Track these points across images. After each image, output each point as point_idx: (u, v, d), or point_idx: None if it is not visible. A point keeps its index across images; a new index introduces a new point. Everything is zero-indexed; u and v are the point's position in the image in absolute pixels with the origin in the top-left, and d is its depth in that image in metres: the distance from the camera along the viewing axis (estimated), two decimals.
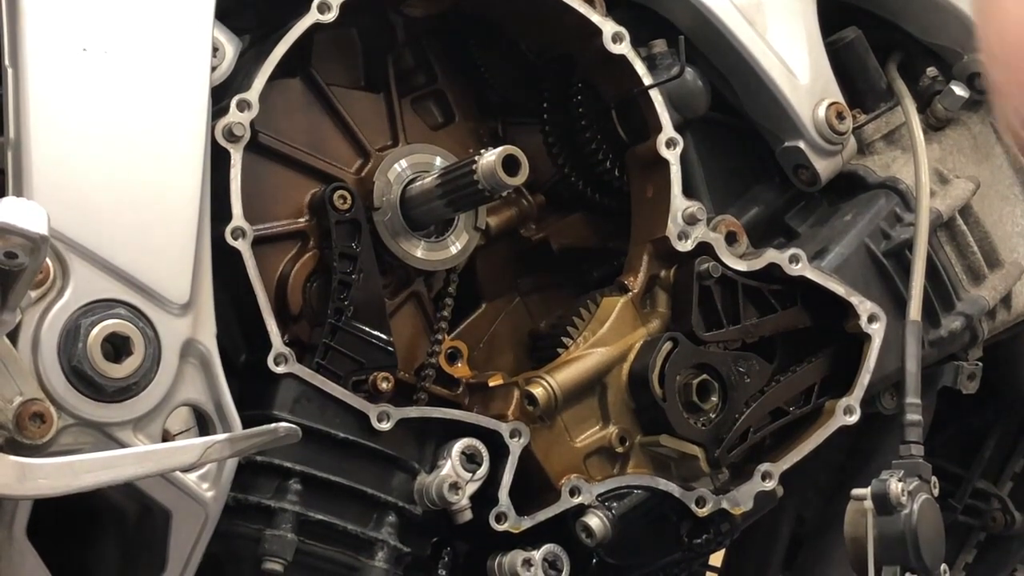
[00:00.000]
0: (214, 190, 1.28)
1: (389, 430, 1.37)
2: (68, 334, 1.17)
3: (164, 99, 1.25)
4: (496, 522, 1.42)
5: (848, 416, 1.53)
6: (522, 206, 1.57)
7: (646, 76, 1.48)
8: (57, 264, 1.18)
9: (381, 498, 1.37)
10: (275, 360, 1.33)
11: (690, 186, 1.52)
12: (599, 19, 1.46)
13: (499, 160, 1.33)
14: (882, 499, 1.39)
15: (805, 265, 1.51)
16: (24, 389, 1.14)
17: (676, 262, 1.50)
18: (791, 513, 1.80)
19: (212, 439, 1.18)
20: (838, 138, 1.56)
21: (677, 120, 1.50)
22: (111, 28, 1.23)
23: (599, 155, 1.56)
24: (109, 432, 1.18)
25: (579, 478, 1.45)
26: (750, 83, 1.55)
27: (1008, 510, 1.97)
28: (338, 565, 1.35)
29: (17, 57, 1.20)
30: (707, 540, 1.52)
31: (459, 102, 1.57)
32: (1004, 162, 1.70)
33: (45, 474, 1.11)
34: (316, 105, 1.46)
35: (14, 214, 1.02)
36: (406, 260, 1.45)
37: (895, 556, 1.39)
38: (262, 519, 1.32)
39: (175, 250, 1.23)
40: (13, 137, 1.19)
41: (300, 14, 1.37)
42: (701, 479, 1.50)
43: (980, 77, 1.66)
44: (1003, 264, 1.65)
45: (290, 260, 1.41)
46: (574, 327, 1.49)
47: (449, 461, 1.40)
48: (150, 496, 1.22)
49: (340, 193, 1.39)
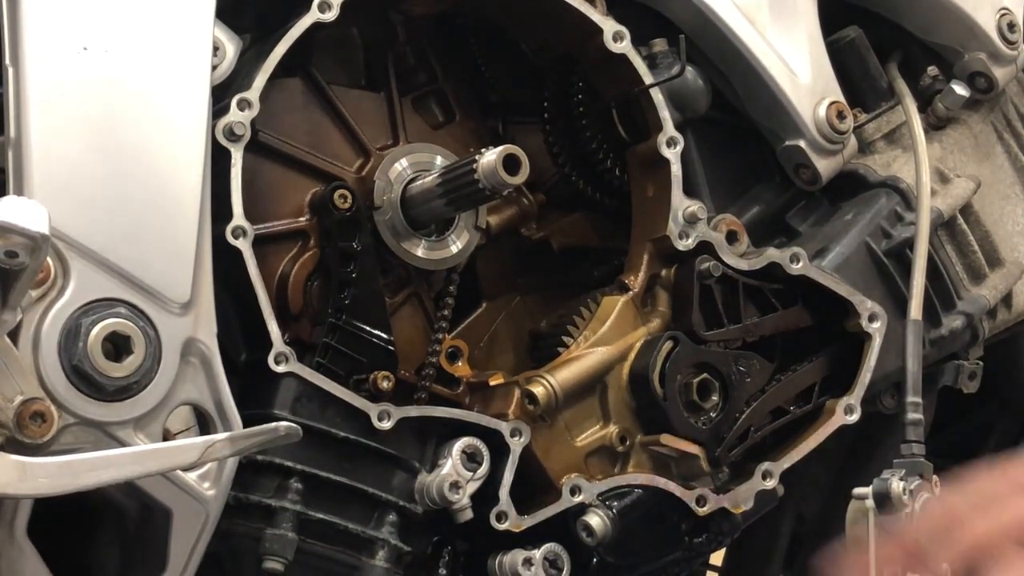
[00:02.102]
0: (214, 189, 1.28)
1: (390, 429, 1.37)
2: (69, 333, 1.17)
3: (165, 98, 1.25)
4: (497, 521, 1.42)
5: (849, 415, 1.53)
6: (523, 205, 1.57)
7: (647, 75, 1.48)
8: (58, 263, 1.18)
9: (382, 497, 1.37)
10: (275, 359, 1.33)
11: (691, 185, 1.52)
12: (599, 18, 1.46)
13: (500, 159, 1.33)
14: (883, 498, 1.39)
15: (806, 264, 1.51)
16: (25, 388, 1.14)
17: (677, 261, 1.50)
18: (792, 512, 1.80)
19: (213, 438, 1.18)
20: (839, 137, 1.56)
21: (678, 119, 1.50)
22: (111, 27, 1.23)
23: (600, 154, 1.56)
24: (110, 431, 1.18)
25: (580, 477, 1.45)
26: (751, 82, 1.54)
27: None
28: (339, 564, 1.35)
29: (17, 56, 1.20)
30: (708, 539, 1.52)
31: (460, 101, 1.56)
32: (1005, 161, 1.70)
33: (46, 473, 1.11)
34: (316, 104, 1.46)
35: (14, 213, 1.03)
36: (406, 259, 1.45)
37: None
38: (263, 518, 1.32)
39: (176, 249, 1.23)
40: (13, 136, 1.19)
41: (301, 13, 1.37)
42: (702, 478, 1.50)
43: (981, 76, 1.67)
44: (1004, 263, 1.65)
45: (291, 259, 1.41)
46: (574, 326, 1.49)
47: (450, 460, 1.40)
48: (151, 495, 1.22)
49: (340, 192, 1.39)
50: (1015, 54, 1.68)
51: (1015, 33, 1.67)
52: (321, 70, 1.47)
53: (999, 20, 1.66)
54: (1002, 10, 1.67)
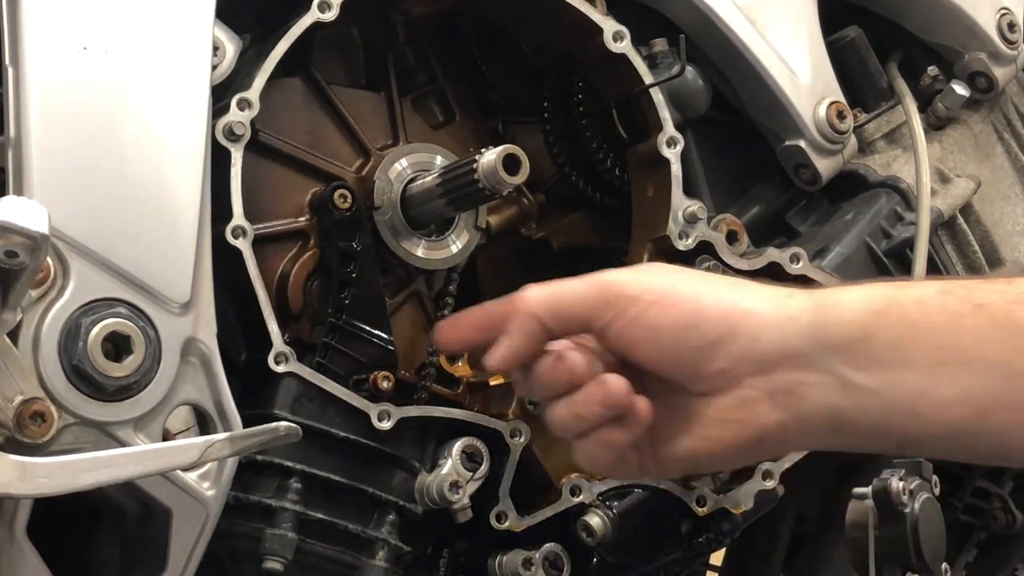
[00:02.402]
0: (214, 189, 1.28)
1: (390, 429, 1.37)
2: (68, 333, 1.17)
3: (165, 98, 1.25)
4: (497, 521, 1.42)
5: None
6: (523, 205, 1.57)
7: (647, 75, 1.48)
8: (57, 263, 1.18)
9: (382, 497, 1.37)
10: (275, 359, 1.33)
11: (691, 185, 1.52)
12: (600, 18, 1.46)
13: (500, 159, 1.33)
14: (883, 498, 1.39)
15: (806, 264, 1.51)
16: (25, 388, 1.14)
17: (677, 261, 1.50)
18: (792, 512, 1.80)
19: (212, 438, 1.18)
20: (839, 137, 1.56)
21: (678, 119, 1.50)
22: (111, 27, 1.23)
23: (599, 154, 1.56)
24: (110, 431, 1.18)
25: (580, 477, 1.45)
26: (751, 82, 1.54)
27: (1009, 509, 1.97)
28: (339, 564, 1.35)
29: (17, 56, 1.20)
30: (708, 539, 1.52)
31: (460, 101, 1.56)
32: (1005, 161, 1.71)
33: (46, 473, 1.10)
34: (316, 104, 1.46)
35: (14, 213, 1.02)
36: (406, 259, 1.45)
37: (896, 555, 1.39)
38: (262, 518, 1.32)
39: (176, 249, 1.23)
40: (13, 136, 1.19)
41: (301, 13, 1.37)
42: (702, 478, 1.50)
43: (981, 76, 1.67)
44: (1004, 263, 1.65)
45: (290, 259, 1.41)
46: None
47: (450, 460, 1.40)
48: (150, 495, 1.22)
49: (340, 192, 1.39)
50: (1015, 54, 1.68)
51: (1015, 33, 1.67)
52: (321, 70, 1.47)
53: (999, 20, 1.66)
54: (1002, 10, 1.67)
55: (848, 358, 1.03)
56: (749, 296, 1.07)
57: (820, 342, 1.04)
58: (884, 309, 1.03)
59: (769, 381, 1.05)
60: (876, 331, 1.02)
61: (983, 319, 1.00)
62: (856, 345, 1.03)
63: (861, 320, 1.03)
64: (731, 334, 1.05)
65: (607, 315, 1.08)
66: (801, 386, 1.04)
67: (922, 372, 1.01)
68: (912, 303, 1.03)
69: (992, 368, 0.99)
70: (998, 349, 0.99)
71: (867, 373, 1.02)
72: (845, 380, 1.03)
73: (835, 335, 1.03)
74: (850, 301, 1.05)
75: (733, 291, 1.08)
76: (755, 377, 1.05)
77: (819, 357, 1.03)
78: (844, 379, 1.03)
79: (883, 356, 1.02)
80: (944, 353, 1.01)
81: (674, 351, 1.07)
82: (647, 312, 1.07)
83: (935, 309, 1.02)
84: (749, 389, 1.05)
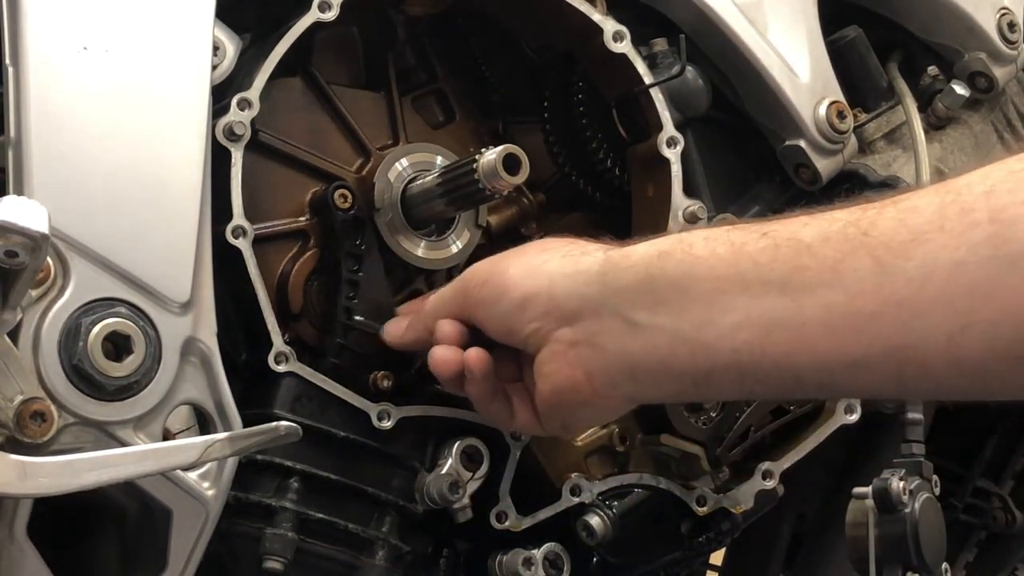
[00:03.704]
0: (215, 189, 1.28)
1: (390, 429, 1.37)
2: (69, 333, 1.17)
3: (165, 98, 1.25)
4: (497, 521, 1.42)
5: (849, 415, 1.53)
6: (523, 205, 1.57)
7: (647, 75, 1.48)
8: (58, 263, 1.18)
9: (382, 497, 1.37)
10: (276, 359, 1.33)
11: (691, 185, 1.52)
12: (600, 18, 1.46)
13: (500, 159, 1.33)
14: (883, 498, 1.38)
15: None
16: (25, 388, 1.14)
17: None
18: (792, 512, 1.80)
19: (213, 438, 1.18)
20: (839, 137, 1.56)
21: (678, 119, 1.50)
22: (112, 27, 1.23)
23: (600, 154, 1.56)
24: (110, 431, 1.18)
25: (580, 477, 1.45)
26: (751, 82, 1.54)
27: (1009, 509, 1.97)
28: (339, 564, 1.35)
29: (18, 55, 1.20)
30: (708, 539, 1.52)
31: (460, 101, 1.56)
32: None
33: (46, 473, 1.10)
34: (316, 104, 1.46)
35: (15, 213, 1.02)
36: (407, 259, 1.44)
37: (896, 555, 1.38)
38: (262, 518, 1.32)
39: (176, 249, 1.23)
40: (14, 136, 1.19)
41: (301, 13, 1.37)
42: (702, 478, 1.50)
43: (981, 76, 1.67)
44: None
45: (291, 259, 1.41)
46: None
47: (450, 460, 1.40)
48: (151, 495, 1.22)
49: (341, 192, 1.39)
50: (1015, 54, 1.68)
51: (1015, 33, 1.67)
52: (321, 70, 1.47)
53: (999, 20, 1.66)
54: (1002, 10, 1.67)
55: (632, 300, 1.09)
56: (551, 259, 1.18)
57: (607, 288, 1.11)
58: (669, 249, 1.09)
59: (572, 333, 1.13)
60: (660, 271, 1.08)
61: (766, 244, 1.02)
62: (640, 287, 1.08)
63: (646, 262, 1.09)
64: (534, 295, 1.17)
65: (466, 304, 1.24)
66: (598, 335, 1.11)
67: (704, 303, 1.04)
68: (699, 240, 1.07)
69: (771, 289, 1.00)
70: (779, 269, 1.00)
71: (650, 312, 1.07)
72: (632, 322, 1.08)
73: (620, 280, 1.10)
74: (639, 248, 1.12)
75: (538, 257, 1.19)
76: (561, 330, 1.14)
77: (608, 303, 1.11)
78: (631, 321, 1.08)
79: (667, 294, 1.07)
80: (725, 282, 1.04)
81: (498, 320, 1.21)
82: (479, 292, 1.22)
83: (721, 242, 1.06)
84: (556, 343, 1.15)
